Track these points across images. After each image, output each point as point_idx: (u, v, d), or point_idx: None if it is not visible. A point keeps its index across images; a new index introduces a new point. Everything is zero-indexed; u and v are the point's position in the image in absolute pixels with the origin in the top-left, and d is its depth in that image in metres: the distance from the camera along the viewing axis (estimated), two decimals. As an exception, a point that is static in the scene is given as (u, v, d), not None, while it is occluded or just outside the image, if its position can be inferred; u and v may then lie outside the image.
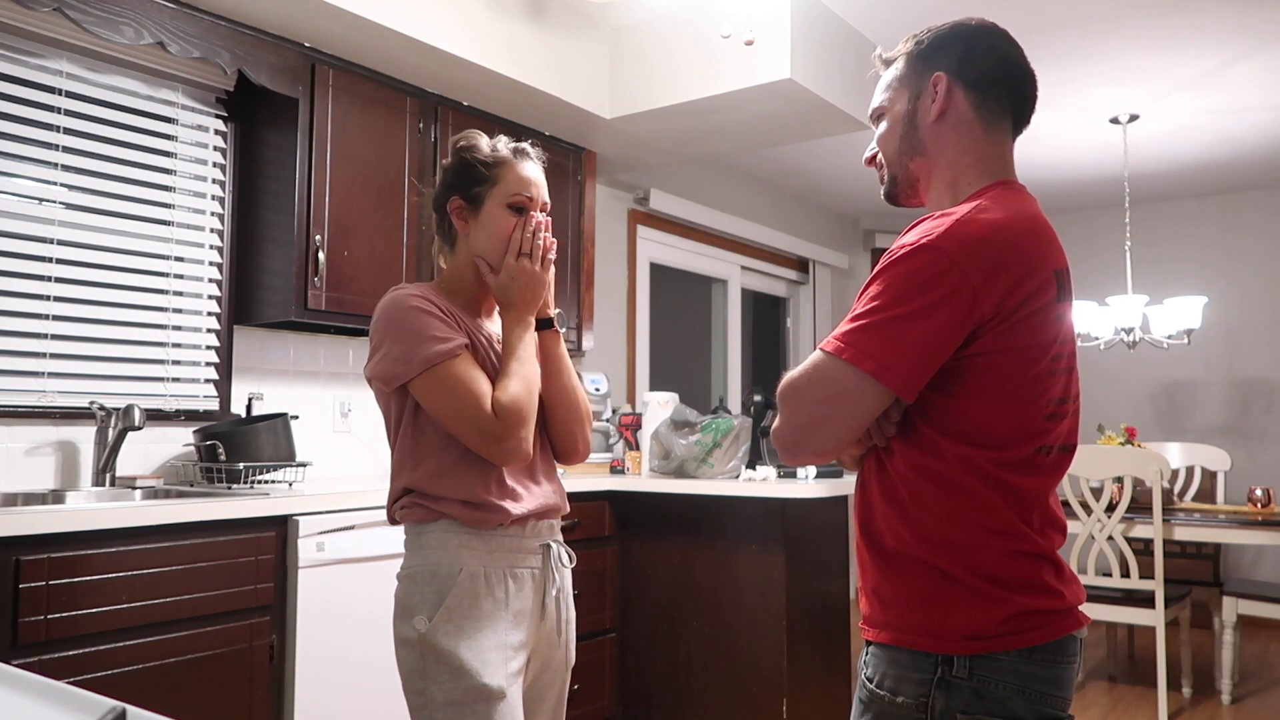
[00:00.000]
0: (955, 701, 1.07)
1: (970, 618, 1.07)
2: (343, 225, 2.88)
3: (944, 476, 1.10)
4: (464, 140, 1.60)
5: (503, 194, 1.55)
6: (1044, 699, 1.07)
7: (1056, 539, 1.14)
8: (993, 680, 1.06)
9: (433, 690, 1.43)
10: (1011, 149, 1.23)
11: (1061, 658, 1.10)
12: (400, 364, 1.43)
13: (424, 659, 1.43)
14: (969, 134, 1.20)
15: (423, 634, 1.43)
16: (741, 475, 3.20)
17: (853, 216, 6.52)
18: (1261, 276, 5.71)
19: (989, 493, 1.08)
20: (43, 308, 2.52)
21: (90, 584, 1.94)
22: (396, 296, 1.49)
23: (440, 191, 1.60)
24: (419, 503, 1.49)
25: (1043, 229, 1.13)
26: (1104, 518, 3.76)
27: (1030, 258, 1.08)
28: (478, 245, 1.56)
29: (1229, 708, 3.88)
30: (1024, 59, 1.23)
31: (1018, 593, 1.08)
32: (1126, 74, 3.93)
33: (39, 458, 2.50)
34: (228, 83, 2.89)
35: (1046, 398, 1.10)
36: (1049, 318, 1.09)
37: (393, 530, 2.49)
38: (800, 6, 3.27)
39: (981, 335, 1.06)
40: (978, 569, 1.08)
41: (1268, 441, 5.63)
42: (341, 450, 3.22)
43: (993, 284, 1.05)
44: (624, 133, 3.77)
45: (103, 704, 0.70)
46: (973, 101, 1.20)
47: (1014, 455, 1.09)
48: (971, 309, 1.04)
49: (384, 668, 2.48)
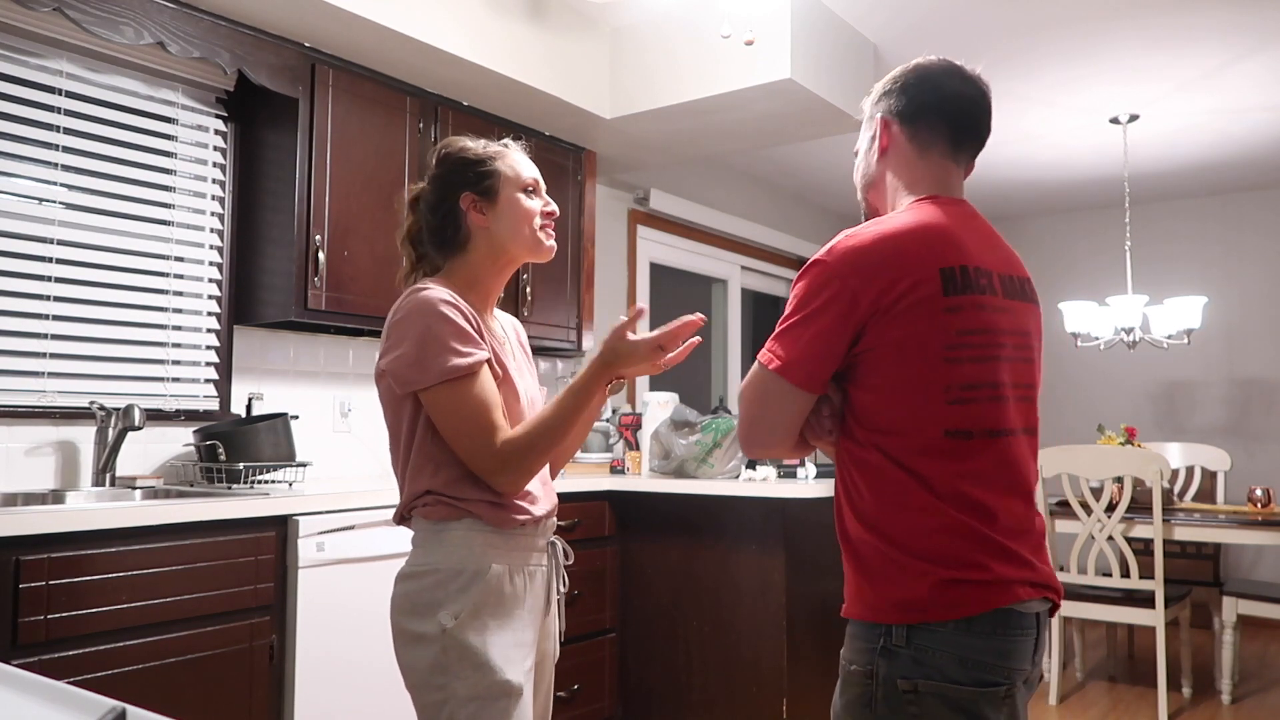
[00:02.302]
0: (895, 668, 1.18)
1: (900, 589, 1.19)
2: (343, 225, 2.88)
3: (867, 463, 1.25)
4: (452, 144, 1.63)
5: (515, 182, 1.59)
6: (984, 667, 1.16)
7: (1001, 511, 1.21)
8: (930, 649, 1.17)
9: (455, 686, 1.42)
10: (951, 167, 1.37)
11: (1003, 630, 1.18)
12: (416, 370, 1.44)
13: (446, 655, 1.42)
14: (905, 161, 1.37)
15: (448, 630, 1.42)
16: (741, 475, 3.20)
17: (853, 216, 6.50)
18: (1261, 276, 5.71)
19: (903, 475, 1.21)
20: (43, 308, 2.52)
21: (90, 584, 1.94)
22: (428, 297, 1.47)
23: (443, 191, 1.60)
24: (443, 500, 1.48)
25: (936, 234, 1.25)
26: (1104, 518, 3.76)
27: (909, 260, 1.21)
28: (502, 234, 1.58)
29: (1229, 708, 3.88)
30: (964, 86, 1.36)
31: (941, 565, 1.18)
32: (1126, 74, 3.93)
33: (39, 458, 2.50)
34: (228, 83, 2.89)
35: (944, 384, 1.20)
36: (933, 310, 1.20)
37: (393, 530, 2.49)
38: (800, 6, 3.27)
39: (867, 331, 1.22)
40: (904, 545, 1.20)
41: (1268, 441, 5.63)
42: (341, 450, 3.22)
43: (869, 285, 1.21)
44: (624, 133, 3.77)
45: (103, 704, 0.70)
46: (907, 133, 1.37)
47: (916, 440, 1.21)
48: (852, 309, 1.21)
49: (384, 668, 2.48)
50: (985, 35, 3.58)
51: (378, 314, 2.97)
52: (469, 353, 1.45)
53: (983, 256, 1.27)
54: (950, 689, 1.16)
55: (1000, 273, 1.29)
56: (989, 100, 1.39)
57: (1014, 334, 1.27)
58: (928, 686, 1.17)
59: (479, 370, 1.45)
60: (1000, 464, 1.23)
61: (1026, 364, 1.29)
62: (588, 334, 3.81)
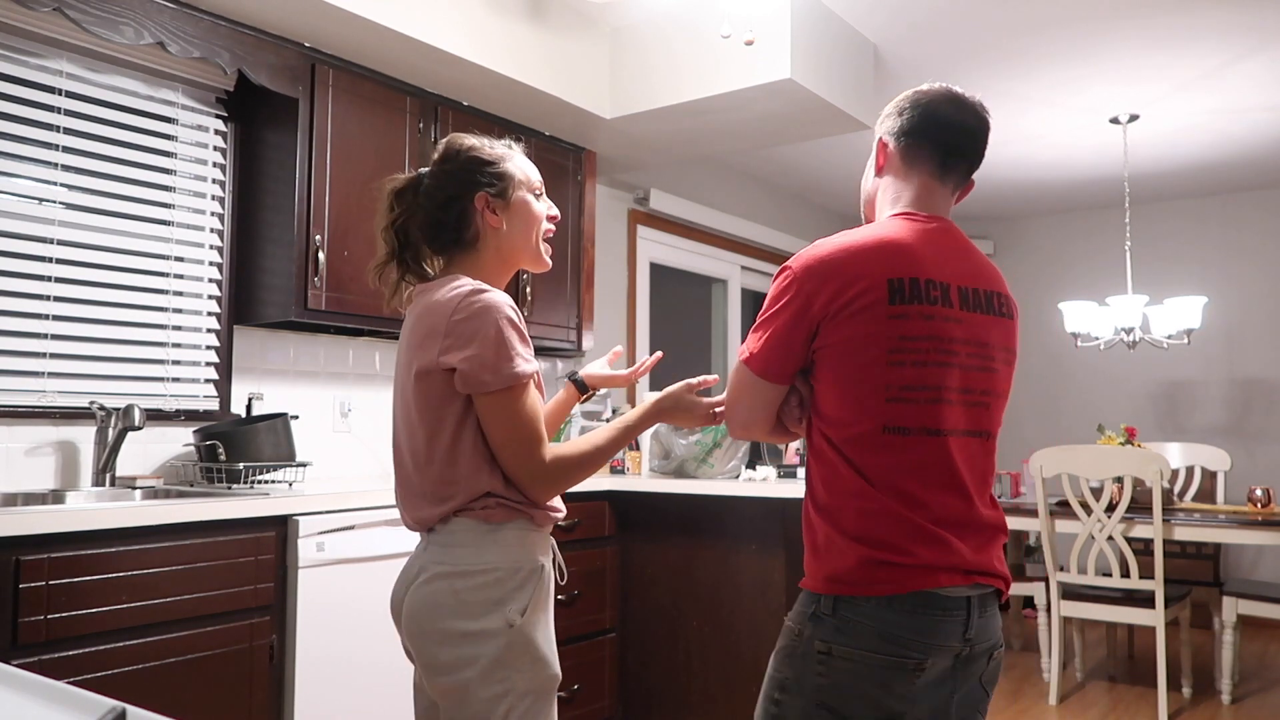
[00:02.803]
0: (818, 632, 1.33)
1: (831, 563, 1.34)
2: (343, 225, 2.88)
3: (817, 449, 1.40)
4: (461, 141, 1.62)
5: (527, 184, 1.62)
6: (901, 642, 1.29)
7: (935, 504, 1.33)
8: (853, 620, 1.31)
9: (515, 679, 1.45)
10: (936, 187, 1.48)
11: (925, 609, 1.31)
12: (488, 372, 1.44)
13: (510, 650, 1.45)
14: (895, 179, 1.50)
15: (515, 626, 1.45)
16: (741, 475, 3.20)
17: (853, 216, 6.51)
18: (1261, 276, 5.71)
19: (841, 462, 1.35)
20: (43, 308, 2.52)
21: (90, 584, 1.94)
22: (496, 300, 1.48)
23: (455, 189, 1.58)
24: (504, 503, 1.49)
25: (892, 248, 1.38)
26: (1104, 518, 3.76)
27: (860, 270, 1.35)
28: (512, 236, 1.61)
29: (1229, 708, 3.88)
30: (955, 112, 1.47)
31: (867, 546, 1.31)
32: (1126, 74, 3.93)
33: (39, 458, 2.50)
34: (228, 83, 2.89)
35: (885, 383, 1.33)
36: (878, 316, 1.33)
37: (393, 530, 2.50)
38: (800, 6, 3.27)
39: (821, 331, 1.36)
40: (839, 525, 1.35)
41: (1268, 441, 5.63)
42: (341, 450, 3.22)
43: (822, 290, 1.35)
44: (624, 133, 3.77)
45: (103, 704, 0.70)
46: (899, 151, 1.50)
47: (854, 431, 1.34)
48: (806, 310, 1.36)
49: (384, 667, 2.48)
50: (985, 35, 3.58)
51: (378, 314, 2.97)
52: (530, 359, 1.49)
53: (940, 270, 1.38)
54: (862, 656, 1.30)
55: (961, 286, 1.39)
56: (984, 125, 1.49)
57: (968, 343, 1.38)
58: (841, 652, 1.31)
59: (534, 378, 1.50)
60: (936, 461, 1.35)
61: (983, 372, 1.40)
62: (588, 334, 3.81)
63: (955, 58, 3.79)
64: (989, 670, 1.41)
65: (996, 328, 1.42)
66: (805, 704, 1.32)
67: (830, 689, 1.31)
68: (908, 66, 3.87)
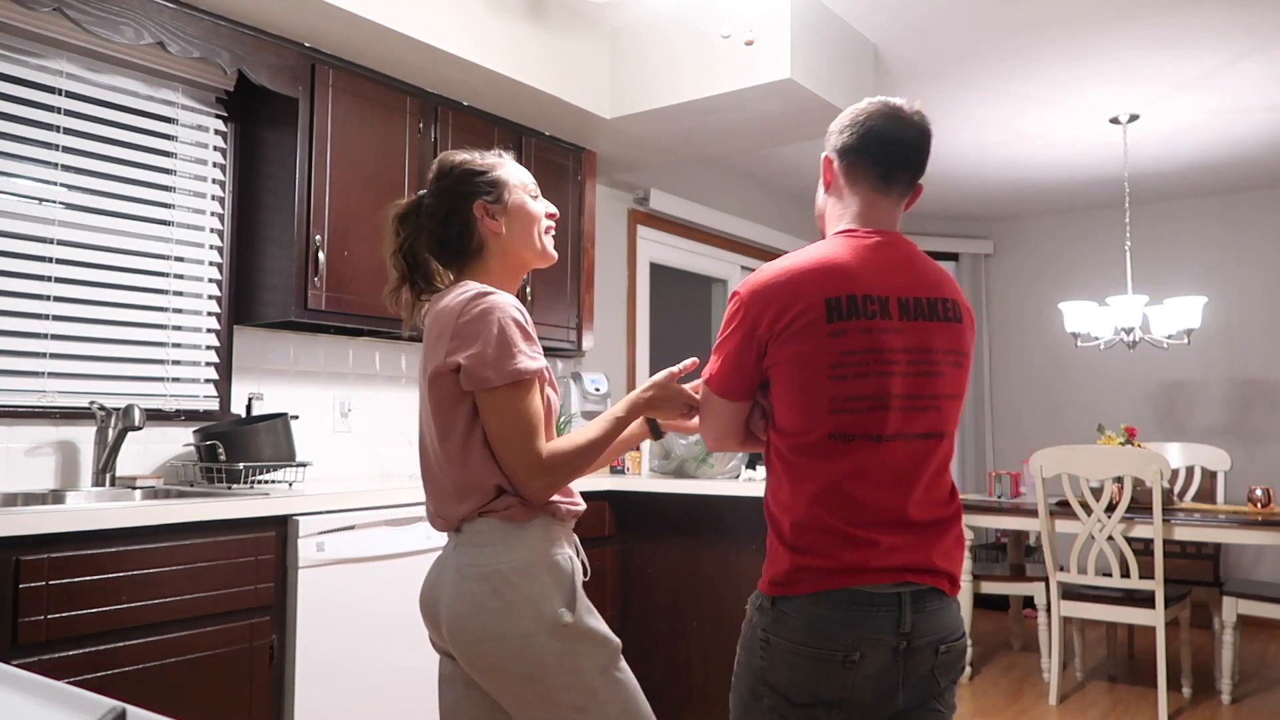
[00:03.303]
0: (762, 621, 1.48)
1: (771, 569, 1.49)
2: (343, 225, 2.88)
3: (769, 462, 1.52)
4: (452, 157, 1.68)
5: (520, 187, 1.68)
6: (828, 635, 1.41)
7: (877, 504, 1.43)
8: (787, 613, 1.45)
9: (585, 665, 1.52)
10: (878, 200, 1.55)
11: (849, 605, 1.42)
12: (490, 369, 1.49)
13: (570, 641, 1.51)
14: (840, 195, 1.59)
15: (571, 620, 1.52)
16: (741, 475, 3.20)
17: (853, 216, 6.52)
18: (1261, 276, 5.71)
19: (783, 472, 1.48)
20: (43, 308, 2.52)
21: (90, 584, 1.94)
22: (500, 301, 1.53)
23: (454, 202, 1.64)
24: (523, 501, 1.54)
25: (829, 268, 1.46)
26: (1104, 518, 3.76)
27: (799, 292, 1.43)
28: (514, 236, 1.66)
29: (1229, 708, 3.88)
30: (891, 127, 1.53)
31: (798, 554, 1.45)
32: (1126, 74, 3.93)
33: (39, 458, 2.50)
34: (228, 83, 2.89)
35: (829, 395, 1.42)
36: (818, 334, 1.42)
37: (394, 530, 2.50)
38: (800, 6, 3.27)
39: (769, 351, 1.46)
40: (779, 533, 1.49)
41: (1268, 441, 5.63)
42: (341, 450, 3.22)
43: (765, 313, 1.45)
44: (624, 133, 3.77)
45: (103, 704, 0.70)
46: (842, 169, 1.58)
47: (805, 440, 1.44)
48: (753, 332, 1.46)
49: (385, 667, 2.49)
50: (985, 35, 3.58)
51: (378, 314, 2.97)
52: (535, 357, 1.53)
53: (878, 285, 1.45)
54: (792, 646, 1.43)
55: (901, 297, 1.46)
56: (924, 137, 1.55)
57: (910, 351, 1.45)
58: (776, 641, 1.45)
59: (541, 376, 1.54)
60: (878, 464, 1.43)
61: (928, 377, 1.46)
62: (588, 334, 3.81)
63: (955, 58, 3.79)
64: (941, 663, 1.47)
65: (941, 333, 1.48)
66: (752, 681, 1.48)
67: (769, 670, 1.46)
68: (908, 66, 3.87)
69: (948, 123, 4.57)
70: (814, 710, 1.43)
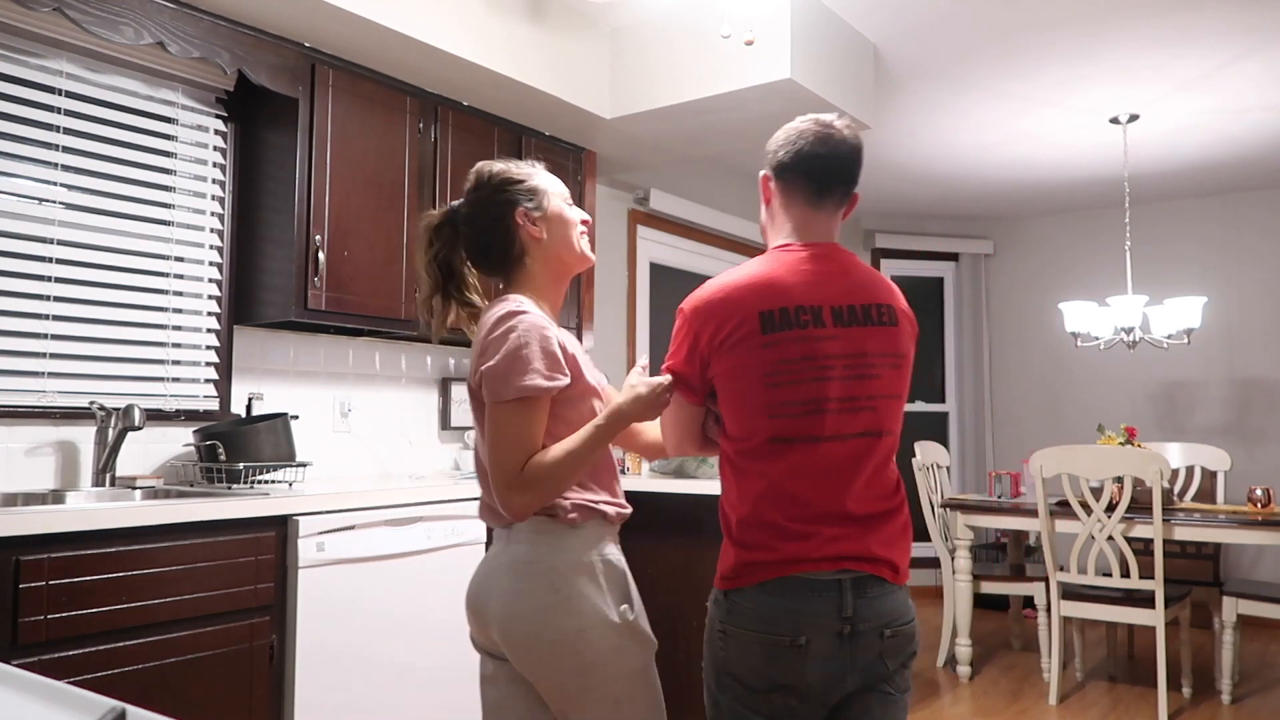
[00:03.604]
0: (718, 614, 1.60)
1: (723, 564, 1.59)
2: (343, 225, 2.88)
3: (721, 465, 1.61)
4: (490, 167, 1.72)
5: (559, 195, 1.73)
6: (773, 620, 1.52)
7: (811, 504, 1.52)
8: (739, 604, 1.55)
9: (631, 661, 1.61)
10: (812, 214, 1.65)
11: (789, 591, 1.51)
12: (500, 383, 1.53)
13: (622, 637, 1.60)
14: (778, 211, 1.69)
15: (628, 618, 1.60)
16: (741, 475, 3.19)
17: (853, 216, 6.52)
18: (1261, 276, 5.71)
19: (731, 474, 1.58)
20: (43, 308, 2.52)
21: (90, 584, 1.94)
22: (529, 321, 1.56)
23: (496, 211, 1.68)
24: (580, 505, 1.61)
25: (762, 284, 1.56)
26: (1104, 518, 3.76)
27: (735, 308, 1.54)
28: (555, 241, 1.70)
29: (1229, 708, 3.88)
30: (821, 145, 1.62)
31: (743, 549, 1.55)
32: (1126, 74, 3.93)
33: (39, 458, 2.50)
34: (228, 83, 2.89)
35: (767, 402, 1.51)
36: (754, 345, 1.51)
37: (394, 530, 2.50)
38: (800, 6, 3.27)
39: (711, 362, 1.55)
40: (729, 531, 1.59)
41: (1268, 441, 5.63)
42: (341, 450, 3.22)
43: (706, 328, 1.55)
44: (624, 133, 3.77)
45: (103, 704, 0.70)
46: (779, 187, 1.69)
47: (748, 444, 1.54)
48: (696, 345, 1.56)
49: (385, 667, 2.49)
50: (985, 35, 3.58)
51: (378, 314, 2.97)
52: (553, 377, 1.55)
53: (811, 296, 1.55)
54: (745, 634, 1.54)
55: (835, 305, 1.56)
56: (855, 152, 1.64)
57: (846, 356, 1.54)
58: (731, 631, 1.56)
59: (548, 397, 1.56)
60: (816, 463, 1.52)
61: (864, 380, 1.55)
62: (588, 334, 3.81)
63: (955, 58, 3.79)
64: (888, 646, 1.55)
65: (876, 336, 1.57)
66: (716, 672, 1.61)
67: (728, 660, 1.57)
68: (908, 66, 3.87)
69: (948, 123, 4.57)
70: (771, 695, 1.53)
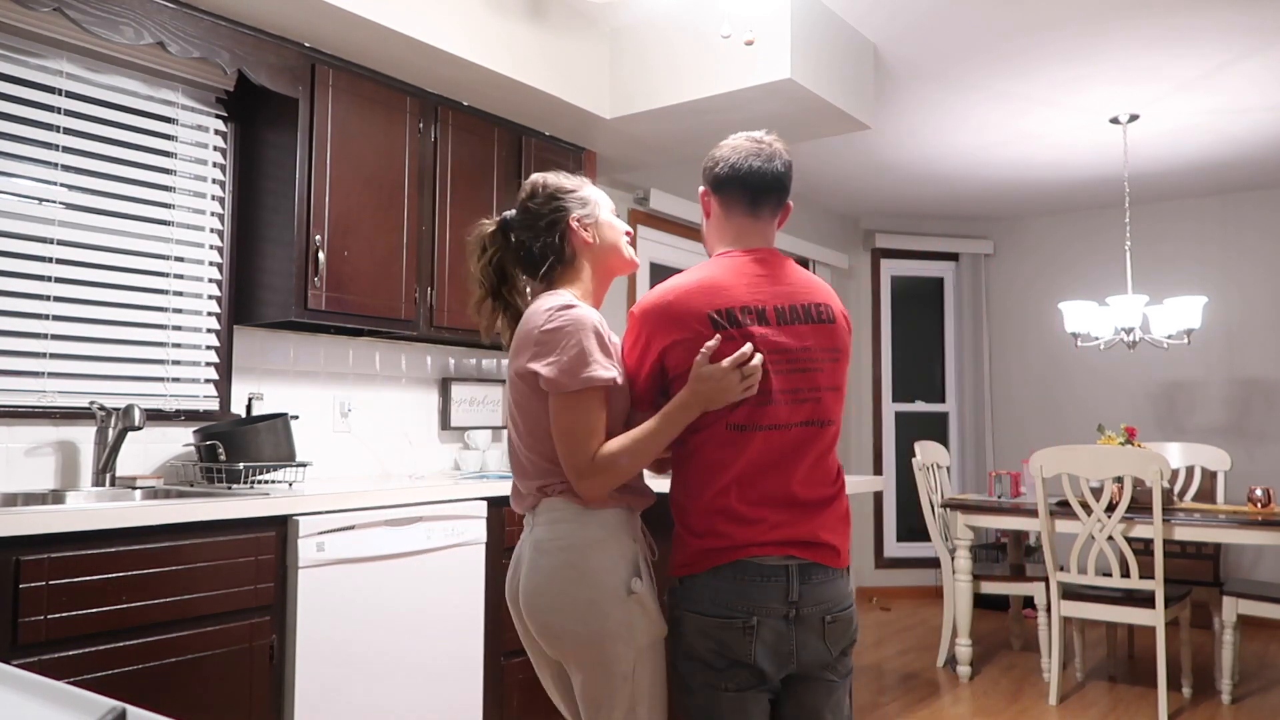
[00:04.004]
0: (675, 602, 1.70)
1: (680, 554, 1.70)
2: (343, 225, 2.88)
3: (677, 460, 1.72)
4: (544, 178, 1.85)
5: (607, 206, 1.89)
6: (725, 604, 1.63)
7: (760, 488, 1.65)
8: (694, 591, 1.67)
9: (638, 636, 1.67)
10: (749, 223, 1.79)
11: (740, 575, 1.63)
12: (566, 375, 1.63)
13: (631, 611, 1.67)
14: (718, 222, 1.83)
15: (637, 594, 1.67)
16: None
17: (853, 216, 6.52)
18: (1261, 276, 5.71)
19: (690, 465, 1.69)
20: (43, 308, 2.52)
21: (90, 584, 1.94)
22: (581, 314, 1.67)
23: (551, 219, 1.80)
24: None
25: (709, 287, 1.68)
26: (1104, 518, 3.76)
27: (686, 311, 1.66)
28: (604, 248, 1.84)
29: (1229, 708, 3.88)
30: (756, 163, 1.76)
31: (697, 537, 1.67)
32: (1126, 74, 3.93)
33: (39, 458, 2.50)
34: (228, 83, 2.89)
35: None
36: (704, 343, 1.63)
37: (394, 530, 2.50)
38: (800, 6, 3.27)
39: (665, 360, 1.68)
40: (686, 522, 1.70)
41: (1268, 441, 5.63)
42: (341, 450, 3.22)
43: (659, 332, 1.67)
44: (624, 133, 3.77)
45: (103, 704, 0.70)
46: (717, 200, 1.82)
47: (705, 434, 1.66)
48: (649, 347, 1.69)
49: (385, 668, 2.49)
50: (985, 35, 3.58)
51: (378, 314, 2.97)
52: (610, 367, 1.66)
53: (753, 297, 1.68)
54: (700, 618, 1.65)
55: (777, 305, 1.69)
56: (787, 168, 1.78)
57: (789, 351, 1.66)
58: (691, 617, 1.66)
59: (609, 386, 1.66)
60: (767, 450, 1.65)
61: (807, 373, 1.68)
62: (588, 334, 3.81)
63: (955, 58, 3.79)
64: (831, 632, 1.67)
65: (817, 333, 1.70)
66: (680, 658, 1.69)
67: (690, 644, 1.67)
68: (908, 66, 3.87)
69: (948, 123, 4.57)
70: (733, 670, 1.63)
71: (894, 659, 4.73)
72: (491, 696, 2.81)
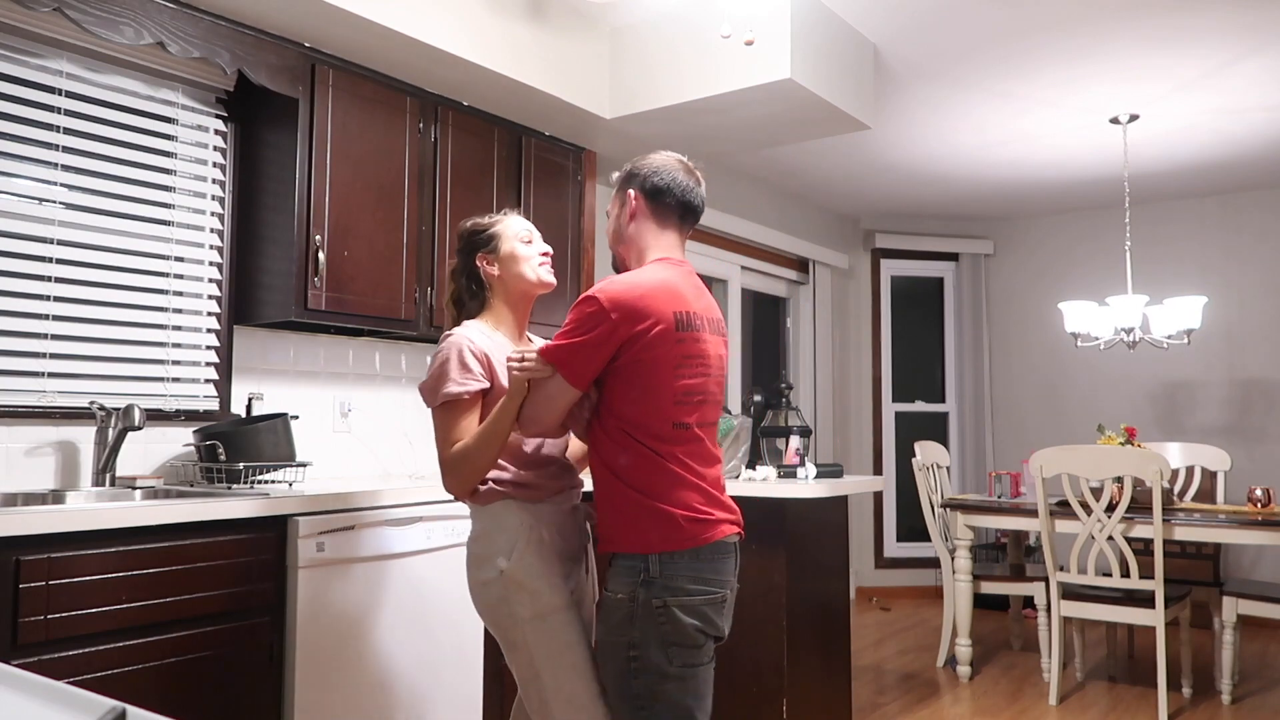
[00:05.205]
0: (650, 593, 1.75)
1: (658, 527, 1.77)
2: (343, 225, 2.88)
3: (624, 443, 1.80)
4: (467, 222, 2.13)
5: (514, 236, 2.09)
6: (707, 582, 1.79)
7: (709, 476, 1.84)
8: (674, 574, 1.76)
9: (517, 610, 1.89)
10: (676, 237, 1.96)
11: (719, 555, 1.81)
12: (429, 394, 1.95)
13: (506, 589, 1.89)
14: (648, 229, 1.95)
15: (505, 572, 1.89)
16: (741, 475, 3.20)
17: (853, 216, 6.52)
18: (1261, 276, 5.71)
19: (649, 452, 1.79)
20: (43, 308, 2.52)
21: (90, 584, 1.94)
22: (453, 339, 1.96)
23: (465, 258, 2.10)
24: (492, 488, 1.94)
25: (671, 288, 1.82)
26: (1104, 518, 3.76)
27: (650, 307, 1.77)
28: (508, 276, 2.07)
29: (1229, 708, 3.88)
30: (689, 180, 1.96)
31: (682, 509, 1.77)
32: (1126, 74, 3.93)
33: (39, 458, 2.50)
34: (228, 83, 2.89)
35: (673, 391, 1.79)
36: (669, 341, 1.78)
37: (394, 530, 2.50)
38: (800, 6, 3.27)
39: (622, 354, 1.77)
40: (655, 496, 1.78)
41: (1268, 441, 5.63)
42: (341, 450, 3.22)
43: (624, 322, 1.75)
44: (624, 133, 3.77)
45: (103, 704, 0.70)
46: (651, 207, 1.95)
47: (652, 430, 1.79)
48: (612, 334, 1.75)
49: (384, 668, 2.49)
50: (985, 35, 3.58)
51: (377, 314, 2.97)
52: (464, 383, 1.91)
53: (696, 305, 1.87)
54: (686, 601, 1.76)
55: (705, 315, 1.88)
56: (703, 188, 1.99)
57: (709, 358, 1.86)
58: (674, 602, 1.75)
59: (466, 399, 1.91)
60: (703, 445, 1.84)
61: (714, 378, 1.89)
62: (588, 334, 3.81)
63: (955, 58, 3.79)
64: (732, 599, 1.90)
65: (719, 344, 1.92)
66: (657, 649, 1.75)
67: (672, 632, 1.75)
68: (908, 66, 3.87)
69: (948, 123, 4.57)
70: (707, 644, 1.81)
71: (894, 659, 4.73)
72: (491, 697, 2.81)
